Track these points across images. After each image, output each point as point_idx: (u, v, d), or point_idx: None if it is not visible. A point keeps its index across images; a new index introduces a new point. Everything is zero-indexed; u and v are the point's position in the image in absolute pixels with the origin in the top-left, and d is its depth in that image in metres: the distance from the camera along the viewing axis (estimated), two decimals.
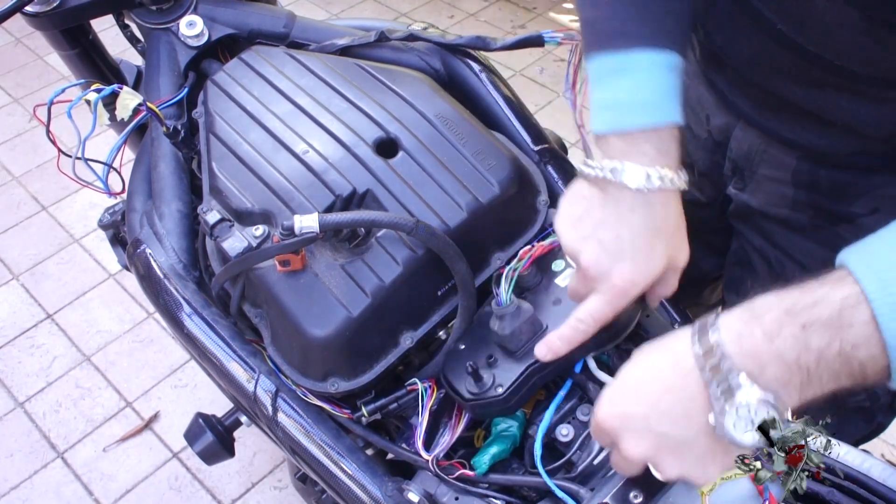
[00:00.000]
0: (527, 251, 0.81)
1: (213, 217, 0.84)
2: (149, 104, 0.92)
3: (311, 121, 0.92)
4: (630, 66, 0.67)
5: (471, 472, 0.77)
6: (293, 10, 1.17)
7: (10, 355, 2.13)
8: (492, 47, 1.02)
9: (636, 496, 0.70)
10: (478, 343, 0.79)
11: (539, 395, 0.81)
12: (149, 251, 0.96)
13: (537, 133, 0.99)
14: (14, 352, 2.14)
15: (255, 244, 0.82)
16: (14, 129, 2.78)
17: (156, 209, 0.99)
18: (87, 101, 0.88)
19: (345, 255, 0.82)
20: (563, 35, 0.93)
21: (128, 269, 1.07)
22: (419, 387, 0.80)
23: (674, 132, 0.68)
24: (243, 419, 0.99)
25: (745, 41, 0.76)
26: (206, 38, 1.09)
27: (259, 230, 0.83)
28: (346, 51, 1.06)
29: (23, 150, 2.70)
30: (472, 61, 1.04)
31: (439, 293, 0.84)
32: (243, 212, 0.86)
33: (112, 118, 0.92)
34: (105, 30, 1.31)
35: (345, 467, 0.81)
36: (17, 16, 1.05)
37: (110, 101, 0.90)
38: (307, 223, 0.76)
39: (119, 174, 0.99)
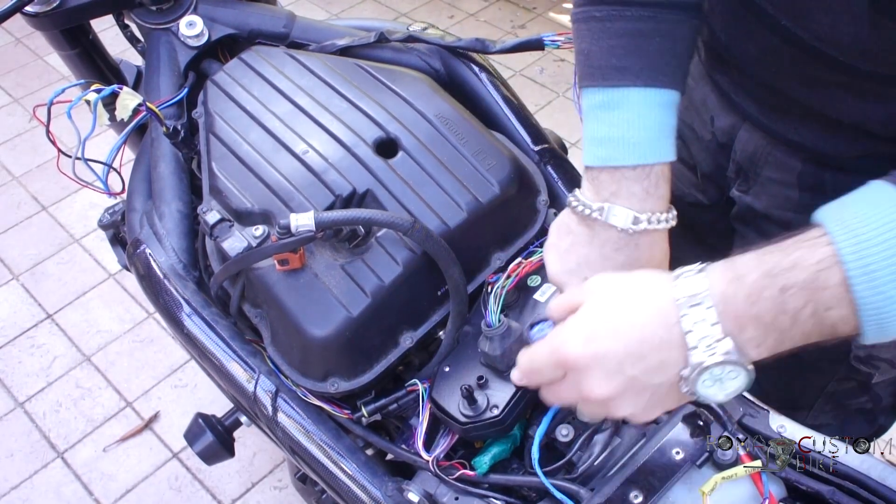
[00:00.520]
0: (514, 268, 0.81)
1: (213, 217, 0.84)
2: (149, 104, 0.92)
3: (311, 121, 0.92)
4: (623, 102, 0.67)
5: (471, 473, 0.77)
6: (293, 10, 1.17)
7: (10, 355, 2.13)
8: (491, 50, 1.02)
9: (636, 496, 0.70)
10: (464, 365, 0.78)
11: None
12: (149, 251, 0.96)
13: (537, 133, 0.99)
14: (14, 352, 2.14)
15: (254, 244, 0.82)
16: (14, 129, 2.79)
17: (156, 209, 0.99)
18: (87, 102, 0.88)
19: (345, 255, 0.82)
20: (563, 39, 0.93)
21: (128, 269, 1.07)
22: (419, 388, 0.80)
23: (664, 170, 0.68)
24: (243, 419, 0.99)
25: (750, 39, 0.76)
26: (206, 38, 1.09)
27: (259, 230, 0.83)
28: (346, 51, 1.06)
29: (23, 150, 2.70)
30: (472, 62, 1.04)
31: (439, 293, 0.84)
32: (243, 212, 0.86)
33: (112, 118, 0.92)
34: (105, 30, 1.31)
35: (345, 467, 0.81)
36: (17, 16, 1.05)
37: (110, 102, 0.90)
38: (303, 221, 0.75)
39: (119, 174, 0.99)
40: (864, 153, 0.67)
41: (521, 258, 0.84)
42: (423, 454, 0.77)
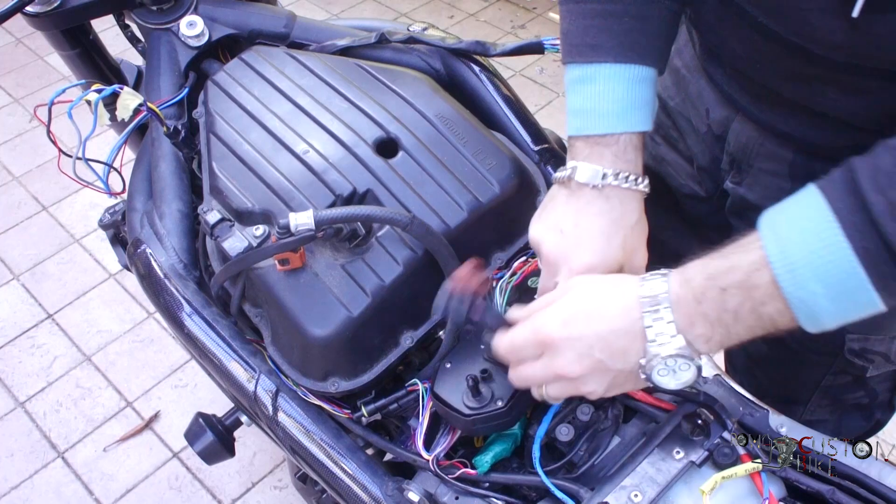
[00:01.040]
0: (520, 265, 0.81)
1: (213, 217, 0.84)
2: (149, 104, 0.92)
3: (312, 121, 0.92)
4: (596, 77, 0.74)
5: (472, 472, 0.77)
6: (293, 10, 1.17)
7: (10, 355, 2.13)
8: (491, 53, 1.02)
9: (636, 496, 0.70)
10: (466, 361, 0.78)
11: None
12: (149, 251, 0.96)
13: (537, 133, 0.99)
14: (14, 352, 2.14)
15: (255, 244, 0.82)
16: (15, 129, 2.79)
17: (156, 209, 0.99)
18: (88, 102, 0.88)
19: (345, 255, 0.82)
20: None
21: (128, 269, 1.07)
22: (419, 388, 0.80)
23: (633, 139, 0.75)
24: (243, 419, 0.99)
25: (735, 38, 0.77)
26: (206, 38, 1.09)
27: (259, 230, 0.83)
28: (346, 51, 1.06)
29: (23, 150, 2.71)
30: (472, 62, 1.04)
31: None
32: (244, 212, 0.86)
33: (112, 118, 0.92)
34: (105, 30, 1.31)
35: (345, 467, 0.82)
36: (18, 16, 1.06)
37: (111, 102, 0.90)
38: (302, 220, 0.76)
39: (119, 174, 1.00)
40: (853, 144, 0.67)
41: (527, 256, 0.83)
42: (423, 453, 0.77)
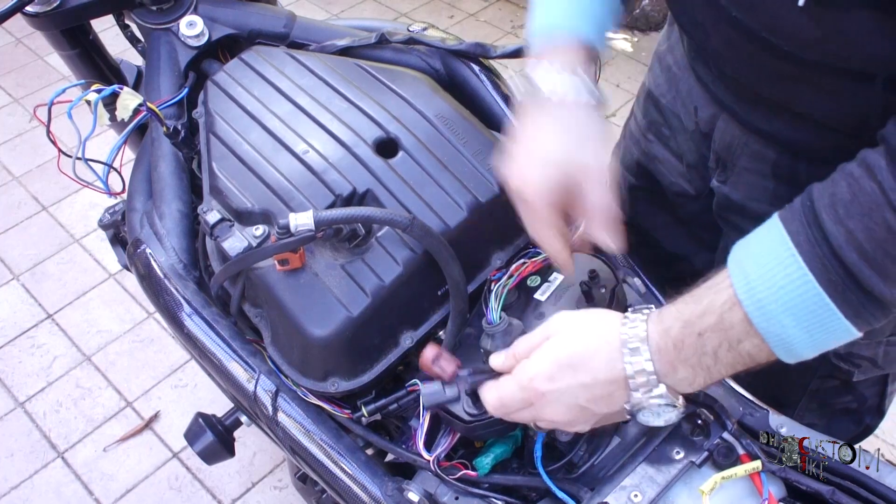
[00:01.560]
0: (518, 267, 0.81)
1: (213, 217, 0.84)
2: (149, 104, 0.92)
3: (312, 121, 0.92)
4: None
5: (472, 473, 0.77)
6: (293, 10, 1.17)
7: (10, 355, 2.13)
8: (491, 55, 1.02)
9: (636, 496, 0.70)
10: (465, 363, 0.77)
11: None
12: (149, 251, 0.96)
13: None
14: (14, 352, 2.14)
15: (255, 244, 0.82)
16: (14, 129, 2.79)
17: (156, 209, 0.99)
18: (88, 102, 0.88)
19: (345, 255, 0.82)
20: None
21: (128, 269, 1.07)
22: (419, 388, 0.80)
23: (576, 51, 0.77)
24: (243, 419, 0.99)
25: (715, 34, 0.77)
26: (206, 38, 1.09)
27: (259, 230, 0.83)
28: (346, 51, 1.06)
29: (23, 150, 2.70)
30: (471, 62, 1.04)
31: (439, 293, 0.84)
32: (243, 212, 0.86)
33: (112, 118, 0.92)
34: (105, 30, 1.31)
35: (345, 467, 0.81)
36: (18, 16, 1.05)
37: (110, 102, 0.90)
38: (302, 220, 0.76)
39: (119, 174, 0.99)
40: (835, 146, 0.67)
41: (526, 258, 0.83)
42: (423, 454, 0.77)
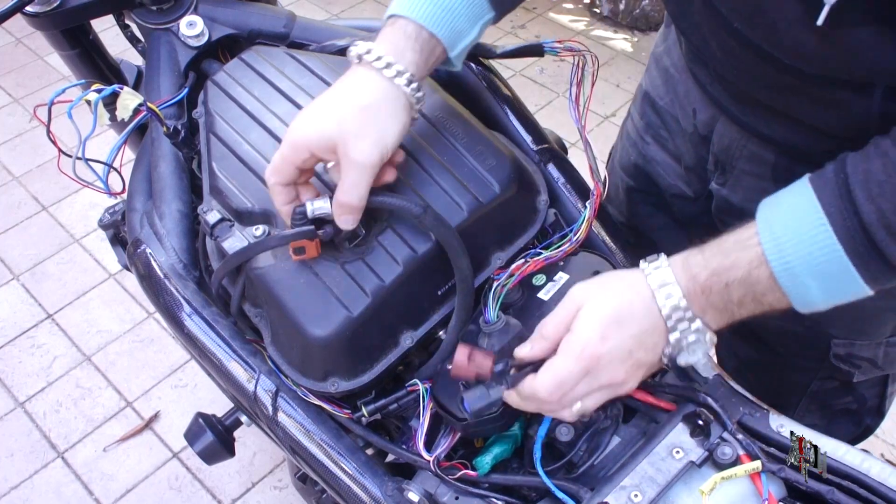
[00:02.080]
0: (518, 266, 0.81)
1: (213, 217, 0.84)
2: (149, 104, 0.92)
3: None
4: None
5: (472, 473, 0.77)
6: (293, 10, 1.17)
7: (10, 355, 2.13)
8: (491, 55, 1.02)
9: (636, 496, 0.70)
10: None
11: None
12: (149, 251, 0.96)
13: (537, 133, 0.99)
14: (14, 352, 2.14)
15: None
16: (14, 129, 2.79)
17: (156, 209, 0.99)
18: (88, 102, 0.87)
19: (345, 255, 0.82)
20: (563, 46, 0.93)
21: (128, 269, 1.07)
22: (419, 388, 0.80)
23: (404, 29, 0.78)
24: (243, 419, 0.99)
25: (715, 40, 0.77)
26: (206, 38, 1.09)
27: (259, 230, 0.83)
28: (346, 51, 1.06)
29: (23, 150, 2.71)
30: (471, 62, 1.04)
31: (439, 293, 0.84)
32: (243, 212, 0.86)
33: (112, 118, 0.92)
34: (105, 30, 1.31)
35: (345, 467, 0.82)
36: (18, 16, 1.05)
37: (111, 102, 0.90)
38: (319, 206, 0.76)
39: (119, 174, 0.99)
40: (834, 149, 0.68)
41: (526, 258, 0.83)
42: (423, 454, 0.77)
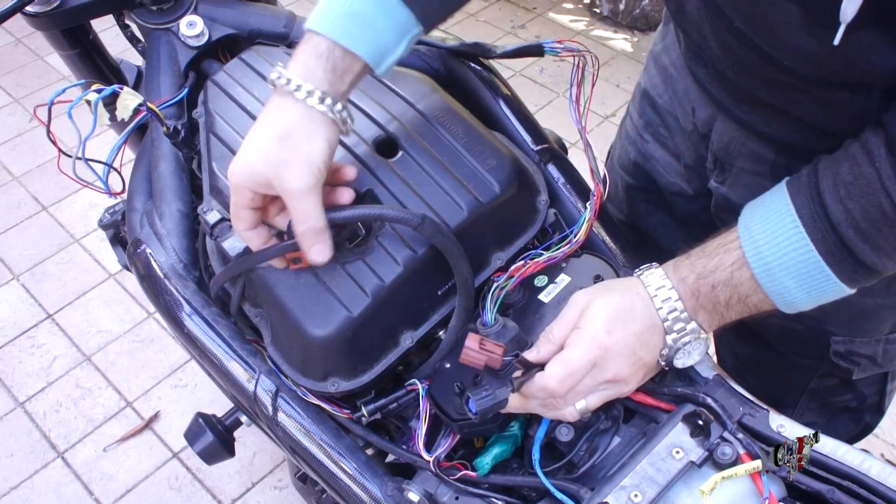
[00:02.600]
0: (518, 268, 0.81)
1: (213, 217, 0.84)
2: (149, 104, 0.92)
3: None
4: None
5: (472, 473, 0.77)
6: (293, 10, 1.17)
7: (10, 355, 2.13)
8: (491, 55, 1.02)
9: (636, 496, 0.70)
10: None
11: None
12: (149, 251, 0.96)
13: (537, 133, 0.99)
14: (14, 352, 2.14)
15: None
16: (14, 129, 2.79)
17: (156, 209, 0.99)
18: (88, 102, 0.87)
19: (345, 255, 0.82)
20: (563, 46, 0.93)
21: (128, 269, 1.07)
22: (419, 387, 0.80)
23: (316, 47, 0.72)
24: (243, 419, 0.99)
25: (715, 38, 0.77)
26: (206, 38, 1.09)
27: None
28: None
29: (23, 150, 2.71)
30: (472, 61, 1.04)
31: (439, 293, 0.84)
32: None
33: (112, 118, 0.92)
34: (105, 30, 1.31)
35: (345, 467, 0.82)
36: (18, 16, 1.05)
37: (111, 102, 0.90)
38: None
39: (119, 174, 0.99)
40: (834, 147, 0.68)
41: (526, 259, 0.83)
42: (423, 454, 0.77)
